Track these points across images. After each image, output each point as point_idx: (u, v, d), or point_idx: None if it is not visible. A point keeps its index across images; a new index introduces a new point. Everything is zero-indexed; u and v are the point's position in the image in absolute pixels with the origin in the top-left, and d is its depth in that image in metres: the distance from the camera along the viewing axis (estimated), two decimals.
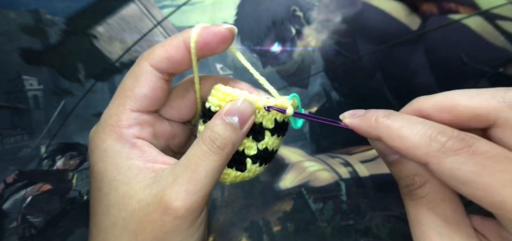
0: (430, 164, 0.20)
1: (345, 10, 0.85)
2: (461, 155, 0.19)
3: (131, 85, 0.29)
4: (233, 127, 0.28)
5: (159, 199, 0.25)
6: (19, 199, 0.81)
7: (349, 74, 0.87)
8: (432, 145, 0.20)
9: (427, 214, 0.21)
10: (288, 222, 0.84)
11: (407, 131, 0.21)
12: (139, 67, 0.29)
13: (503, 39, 0.78)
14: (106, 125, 0.29)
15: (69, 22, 0.84)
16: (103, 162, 0.28)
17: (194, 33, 0.29)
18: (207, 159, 0.26)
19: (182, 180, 0.26)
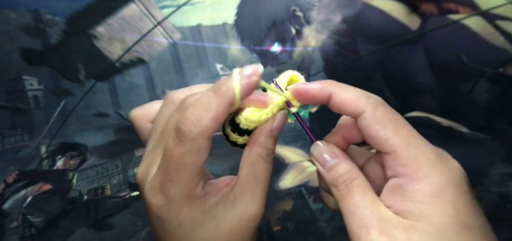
0: (366, 111, 0.28)
1: (345, 10, 0.85)
2: (386, 107, 0.29)
3: (196, 162, 0.29)
4: (276, 138, 0.33)
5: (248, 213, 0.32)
6: (19, 199, 0.81)
7: (349, 74, 0.87)
8: (369, 100, 0.29)
9: (361, 200, 0.28)
10: (288, 222, 0.85)
11: (349, 90, 0.30)
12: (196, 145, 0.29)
13: (503, 39, 0.78)
14: (182, 200, 0.30)
15: (69, 22, 0.84)
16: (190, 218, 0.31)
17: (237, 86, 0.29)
18: (268, 170, 0.33)
19: (258, 193, 0.32)
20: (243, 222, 0.32)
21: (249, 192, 0.32)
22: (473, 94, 0.80)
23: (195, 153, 0.29)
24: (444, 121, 0.82)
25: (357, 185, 0.29)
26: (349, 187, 0.29)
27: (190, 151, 0.29)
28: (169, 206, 0.31)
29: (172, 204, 0.30)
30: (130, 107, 0.83)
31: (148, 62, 0.88)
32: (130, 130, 0.88)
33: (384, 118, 0.28)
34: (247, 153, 0.33)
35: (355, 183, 0.29)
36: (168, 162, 0.29)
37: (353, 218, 0.28)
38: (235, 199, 0.32)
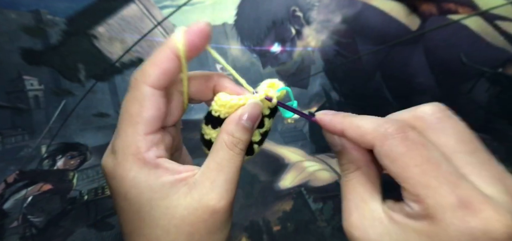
0: (375, 146, 0.26)
1: (345, 11, 0.85)
2: (396, 139, 0.25)
3: (138, 111, 0.31)
4: (248, 129, 0.32)
5: (206, 202, 0.30)
6: (19, 199, 0.81)
7: (348, 74, 0.87)
8: (378, 130, 0.26)
9: (353, 192, 0.29)
10: (288, 221, 0.85)
11: (361, 122, 0.28)
12: (139, 92, 0.30)
13: (503, 39, 0.79)
14: (127, 155, 0.30)
15: (70, 23, 0.84)
16: (136, 189, 0.30)
17: (179, 38, 0.30)
18: (235, 160, 0.32)
19: (220, 182, 0.31)
20: (198, 212, 0.30)
21: (210, 181, 0.30)
22: (473, 94, 0.80)
23: (137, 101, 0.30)
24: None
25: (351, 178, 0.30)
26: (347, 177, 0.30)
27: (133, 99, 0.30)
28: (115, 167, 0.30)
29: (118, 162, 0.30)
30: None
31: None
32: None
33: (391, 153, 0.26)
34: (214, 141, 0.33)
35: (351, 175, 0.30)
36: (119, 117, 0.31)
37: (342, 202, 0.30)
38: (194, 185, 0.30)
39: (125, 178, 0.30)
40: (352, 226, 0.28)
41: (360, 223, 0.28)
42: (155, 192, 0.30)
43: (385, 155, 0.26)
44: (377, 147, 0.26)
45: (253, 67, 0.90)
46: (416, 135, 0.25)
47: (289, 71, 0.90)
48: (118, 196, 0.31)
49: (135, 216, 0.31)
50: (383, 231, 0.27)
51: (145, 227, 0.31)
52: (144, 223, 0.31)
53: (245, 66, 0.90)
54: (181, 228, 0.30)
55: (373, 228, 0.27)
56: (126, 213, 0.31)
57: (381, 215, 0.27)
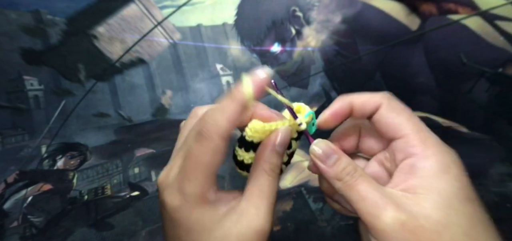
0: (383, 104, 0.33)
1: (344, 11, 0.85)
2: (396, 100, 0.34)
3: (211, 161, 0.33)
4: (281, 153, 0.35)
5: (253, 228, 0.32)
6: (20, 199, 0.81)
7: (348, 74, 0.87)
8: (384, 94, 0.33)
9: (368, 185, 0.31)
10: (288, 221, 0.85)
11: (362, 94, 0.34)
12: (213, 143, 0.32)
13: (502, 39, 0.79)
14: (196, 199, 0.33)
15: (70, 23, 0.84)
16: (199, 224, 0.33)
17: (248, 90, 0.33)
18: (273, 185, 0.35)
19: (263, 208, 0.33)
20: (248, 237, 0.32)
21: (255, 207, 0.33)
22: (473, 94, 0.80)
23: (211, 152, 0.32)
24: (444, 121, 0.82)
25: (360, 174, 0.32)
26: (355, 176, 0.32)
27: (207, 149, 0.32)
28: (182, 206, 0.33)
29: (186, 203, 0.32)
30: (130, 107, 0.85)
31: (148, 62, 0.89)
32: (130, 130, 0.88)
33: (398, 108, 0.32)
34: (252, 168, 0.35)
35: (358, 173, 0.32)
36: (188, 161, 0.33)
37: (365, 202, 0.30)
38: (242, 213, 0.33)
39: (190, 215, 0.33)
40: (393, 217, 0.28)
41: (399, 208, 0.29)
42: (216, 223, 0.33)
43: (392, 108, 0.32)
44: (384, 104, 0.32)
45: (253, 67, 0.90)
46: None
47: (289, 71, 0.90)
48: (179, 228, 0.33)
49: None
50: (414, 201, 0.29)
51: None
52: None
53: (245, 66, 0.90)
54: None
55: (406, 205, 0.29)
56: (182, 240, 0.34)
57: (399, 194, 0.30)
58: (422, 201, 0.29)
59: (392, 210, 0.28)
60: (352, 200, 0.31)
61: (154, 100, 0.88)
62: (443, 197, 0.28)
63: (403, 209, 0.28)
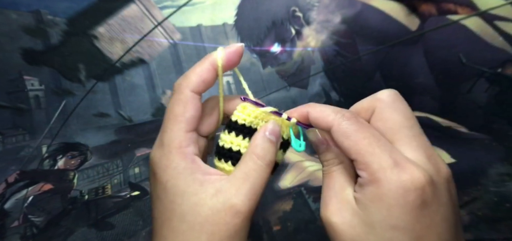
0: (334, 126, 0.33)
1: (344, 11, 0.85)
2: (351, 120, 0.33)
3: (182, 111, 0.36)
4: (274, 143, 0.36)
5: (229, 206, 0.33)
6: (20, 198, 0.81)
7: (348, 74, 0.87)
8: (337, 114, 0.33)
9: (334, 182, 0.34)
10: (288, 221, 0.85)
11: (324, 107, 0.35)
12: (183, 94, 0.36)
13: (502, 40, 0.79)
14: (172, 148, 0.35)
15: (70, 23, 0.84)
16: (175, 179, 0.34)
17: (220, 55, 0.36)
18: (262, 171, 0.35)
19: (244, 190, 0.34)
20: (221, 214, 0.33)
21: (235, 187, 0.34)
22: (472, 94, 0.80)
23: (182, 102, 0.35)
24: (443, 121, 0.82)
25: (335, 170, 0.35)
26: (330, 169, 0.35)
27: (178, 101, 0.35)
28: (161, 157, 0.35)
29: (163, 154, 0.35)
30: (131, 107, 0.85)
31: (149, 62, 0.89)
32: (130, 130, 0.88)
33: (347, 131, 0.33)
34: (244, 154, 0.36)
35: (334, 168, 0.35)
36: (165, 116, 0.36)
37: (323, 192, 0.35)
38: (221, 189, 0.33)
39: (168, 167, 0.34)
40: (331, 212, 0.33)
41: (337, 208, 0.33)
42: (188, 186, 0.34)
43: (341, 133, 0.33)
44: (335, 126, 0.33)
45: (253, 67, 0.90)
46: (363, 120, 0.34)
47: (289, 71, 0.90)
48: (159, 185, 0.35)
49: (168, 207, 0.34)
50: (353, 211, 0.32)
51: (175, 219, 0.34)
52: (174, 215, 0.34)
53: (245, 66, 0.90)
54: (204, 226, 0.33)
55: (347, 210, 0.32)
56: (161, 202, 0.35)
57: (351, 198, 0.33)
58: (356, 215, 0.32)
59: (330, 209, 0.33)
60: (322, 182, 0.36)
61: (154, 100, 0.88)
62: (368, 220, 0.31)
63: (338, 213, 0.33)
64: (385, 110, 0.34)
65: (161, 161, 0.35)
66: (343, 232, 0.32)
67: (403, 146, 0.32)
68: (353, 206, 0.32)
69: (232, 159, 0.36)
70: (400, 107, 0.34)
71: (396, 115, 0.33)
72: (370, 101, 0.35)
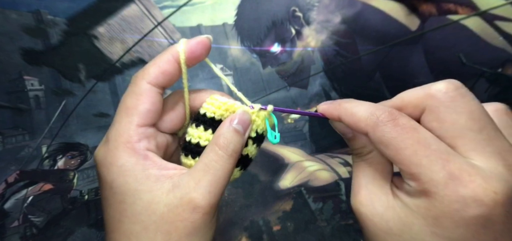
0: (368, 133, 0.28)
1: (344, 11, 0.85)
2: (388, 125, 0.27)
3: (134, 103, 0.32)
4: (240, 133, 0.33)
5: (187, 201, 0.30)
6: (20, 198, 0.81)
7: (348, 74, 0.87)
8: (370, 118, 0.28)
9: (364, 171, 0.31)
10: (288, 221, 0.85)
11: (355, 109, 0.29)
12: (137, 86, 0.32)
13: (502, 40, 0.79)
14: (118, 143, 0.31)
15: (70, 23, 0.84)
16: (123, 177, 0.31)
17: (181, 46, 0.33)
18: (223, 163, 0.31)
19: (205, 182, 0.30)
20: (178, 210, 0.29)
21: (195, 181, 0.30)
22: None
23: (135, 94, 0.32)
24: None
25: (365, 159, 0.31)
26: (359, 158, 0.32)
27: (131, 92, 0.32)
28: (106, 153, 0.31)
29: (109, 150, 0.31)
30: None
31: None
32: None
33: (384, 139, 0.27)
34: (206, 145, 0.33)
35: (366, 157, 0.31)
36: (117, 110, 0.33)
37: (353, 181, 0.32)
38: (178, 184, 0.30)
39: (113, 164, 0.31)
40: (360, 202, 0.30)
41: (368, 198, 0.29)
42: (140, 183, 0.30)
43: (378, 141, 0.28)
44: (370, 134, 0.28)
45: (253, 67, 0.90)
46: (406, 120, 0.27)
47: (289, 71, 0.90)
48: (105, 185, 0.31)
49: (118, 208, 0.31)
50: (388, 205, 0.28)
51: (126, 221, 0.30)
52: (125, 216, 0.30)
53: (245, 66, 0.90)
54: (160, 226, 0.29)
55: (379, 202, 0.29)
56: (110, 205, 0.31)
57: (387, 191, 0.29)
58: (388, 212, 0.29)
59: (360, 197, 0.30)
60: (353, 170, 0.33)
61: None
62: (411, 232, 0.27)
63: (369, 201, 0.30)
64: (440, 110, 0.27)
65: (105, 158, 0.31)
66: (374, 224, 0.28)
67: (471, 152, 0.26)
68: (389, 199, 0.28)
69: (199, 155, 0.33)
70: (462, 106, 0.27)
71: (457, 116, 0.27)
72: (421, 96, 0.29)
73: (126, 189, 0.30)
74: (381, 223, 0.28)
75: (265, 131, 0.36)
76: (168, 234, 0.30)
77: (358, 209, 0.30)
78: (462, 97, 0.28)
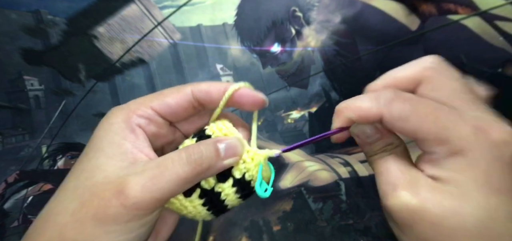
0: (384, 115, 0.28)
1: (344, 11, 0.85)
2: (399, 101, 0.28)
3: (168, 93, 0.33)
4: (218, 153, 0.30)
5: (118, 183, 0.27)
6: (20, 198, 0.81)
7: (348, 74, 0.87)
8: (380, 102, 0.28)
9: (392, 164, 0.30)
10: (288, 221, 0.85)
11: (358, 103, 0.30)
12: (183, 87, 0.33)
13: (502, 40, 0.79)
14: (126, 107, 0.32)
15: (70, 23, 0.84)
16: (104, 131, 0.30)
17: (233, 86, 0.32)
18: (178, 166, 0.28)
19: (146, 174, 0.27)
20: (107, 187, 0.27)
21: (140, 168, 0.28)
22: None
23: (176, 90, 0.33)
24: None
25: (391, 153, 0.30)
26: (382, 156, 0.31)
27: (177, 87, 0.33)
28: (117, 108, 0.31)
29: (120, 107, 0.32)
30: None
31: (149, 62, 0.89)
32: None
33: (402, 114, 0.28)
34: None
35: (392, 151, 0.30)
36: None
37: (382, 178, 0.30)
38: (128, 166, 0.28)
39: (108, 118, 0.31)
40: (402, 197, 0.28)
41: (411, 190, 0.28)
42: (109, 146, 0.29)
43: (397, 118, 0.28)
44: (386, 115, 0.28)
45: (253, 67, 0.90)
46: (410, 95, 0.29)
47: (289, 71, 0.90)
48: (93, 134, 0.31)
49: (80, 158, 0.30)
50: (432, 188, 0.27)
51: (73, 173, 0.29)
52: (76, 169, 0.29)
53: (245, 66, 0.90)
54: (84, 192, 0.27)
55: (424, 189, 0.27)
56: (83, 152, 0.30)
57: (422, 176, 0.28)
58: (438, 190, 0.27)
59: (402, 190, 0.28)
60: (374, 172, 0.31)
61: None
62: (460, 189, 0.26)
63: (415, 191, 0.27)
64: (438, 78, 0.29)
65: (111, 112, 0.31)
66: (428, 211, 0.26)
67: (471, 111, 0.28)
68: (430, 183, 0.27)
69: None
70: (453, 74, 0.30)
71: (452, 82, 0.29)
72: (418, 70, 0.30)
73: (97, 144, 0.29)
74: (435, 209, 0.27)
75: (254, 180, 0.32)
76: (82, 205, 0.27)
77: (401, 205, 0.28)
78: (449, 67, 0.30)
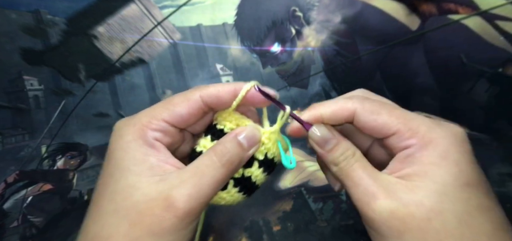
0: (357, 110, 0.30)
1: (344, 11, 0.85)
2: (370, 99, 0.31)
3: (177, 102, 0.32)
4: (242, 146, 0.32)
5: (164, 197, 0.28)
6: (20, 199, 0.81)
7: (348, 74, 0.87)
8: (353, 100, 0.31)
9: (363, 172, 0.30)
10: (288, 221, 0.85)
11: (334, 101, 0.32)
12: (191, 93, 0.33)
13: (502, 39, 0.79)
14: (137, 122, 0.31)
15: (70, 23, 0.84)
16: (123, 151, 0.30)
17: (246, 87, 0.32)
18: (214, 170, 0.30)
19: (188, 184, 0.29)
20: (152, 203, 0.28)
21: (180, 179, 0.29)
22: (473, 94, 0.80)
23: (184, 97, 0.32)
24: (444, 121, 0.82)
25: (357, 160, 0.31)
26: (351, 162, 0.31)
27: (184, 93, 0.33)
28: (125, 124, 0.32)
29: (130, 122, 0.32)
30: (130, 107, 0.84)
31: (148, 62, 0.89)
32: None
33: (374, 108, 0.30)
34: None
35: (355, 158, 0.31)
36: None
37: (358, 189, 0.29)
38: (164, 178, 0.29)
39: (123, 137, 0.31)
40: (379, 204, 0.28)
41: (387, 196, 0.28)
42: (134, 164, 0.29)
43: (370, 112, 0.30)
44: (359, 110, 0.30)
45: (253, 67, 0.90)
46: (377, 95, 0.32)
47: (289, 71, 0.90)
48: (107, 154, 0.31)
49: (105, 180, 0.30)
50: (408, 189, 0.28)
51: (105, 197, 0.30)
52: (106, 192, 0.30)
53: (245, 66, 0.90)
54: (130, 213, 0.28)
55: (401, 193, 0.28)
56: (101, 176, 0.31)
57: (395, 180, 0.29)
58: (416, 189, 0.27)
59: (383, 197, 0.28)
60: (346, 185, 0.31)
61: (154, 100, 0.88)
62: (438, 184, 0.27)
63: (395, 196, 0.27)
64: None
65: (121, 128, 0.31)
66: (413, 215, 0.27)
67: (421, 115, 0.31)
68: (406, 184, 0.28)
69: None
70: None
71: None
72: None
73: (119, 164, 0.30)
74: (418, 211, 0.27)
75: (276, 156, 0.34)
76: (133, 225, 0.27)
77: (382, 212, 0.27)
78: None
